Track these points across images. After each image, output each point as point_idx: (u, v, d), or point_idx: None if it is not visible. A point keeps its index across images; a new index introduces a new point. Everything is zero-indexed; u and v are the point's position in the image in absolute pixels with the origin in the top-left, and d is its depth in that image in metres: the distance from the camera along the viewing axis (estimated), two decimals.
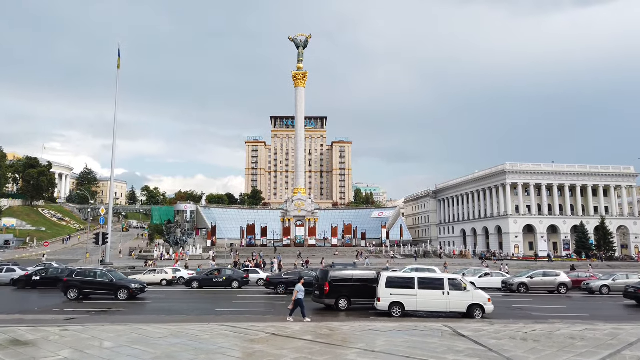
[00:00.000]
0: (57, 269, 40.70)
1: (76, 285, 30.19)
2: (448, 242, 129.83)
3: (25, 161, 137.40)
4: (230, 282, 38.17)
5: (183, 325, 17.60)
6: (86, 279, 30.68)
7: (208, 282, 38.72)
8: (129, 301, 29.44)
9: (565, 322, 19.95)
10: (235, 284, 38.07)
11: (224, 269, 42.35)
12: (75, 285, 30.17)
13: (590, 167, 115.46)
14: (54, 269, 40.91)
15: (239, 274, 39.64)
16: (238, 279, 38.51)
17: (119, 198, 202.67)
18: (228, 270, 40.82)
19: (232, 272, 40.05)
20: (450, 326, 17.44)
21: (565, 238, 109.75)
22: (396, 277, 24.26)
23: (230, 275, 39.16)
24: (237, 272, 40.55)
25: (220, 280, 38.50)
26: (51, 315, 22.30)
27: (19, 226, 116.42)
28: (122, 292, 29.95)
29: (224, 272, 39.77)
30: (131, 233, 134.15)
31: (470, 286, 23.52)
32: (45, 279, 37.94)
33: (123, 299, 29.57)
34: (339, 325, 18.08)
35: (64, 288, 30.29)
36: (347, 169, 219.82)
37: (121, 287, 30.13)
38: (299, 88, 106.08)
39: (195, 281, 39.08)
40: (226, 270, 40.95)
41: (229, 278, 38.57)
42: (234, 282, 38.14)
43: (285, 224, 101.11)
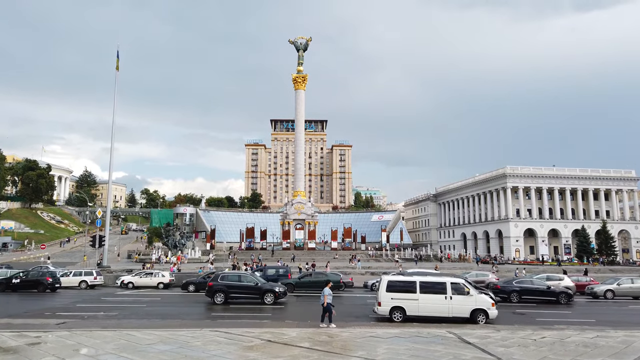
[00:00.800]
0: (38, 272, 40.03)
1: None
2: (448, 245, 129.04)
3: (24, 163, 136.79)
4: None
5: (175, 330, 16.92)
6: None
7: (204, 285, 37.98)
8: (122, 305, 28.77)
9: (574, 329, 19.27)
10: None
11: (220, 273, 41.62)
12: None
13: (591, 171, 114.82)
14: (35, 272, 40.26)
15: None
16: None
17: (119, 201, 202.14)
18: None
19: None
20: (455, 332, 16.73)
21: (567, 242, 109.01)
22: (397, 281, 23.55)
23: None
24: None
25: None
26: (40, 320, 21.61)
27: (17, 229, 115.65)
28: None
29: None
30: (130, 236, 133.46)
31: (473, 290, 22.82)
32: (25, 282, 37.59)
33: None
34: (339, 331, 17.40)
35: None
36: (347, 172, 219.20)
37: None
38: (299, 91, 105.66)
39: (192, 284, 38.46)
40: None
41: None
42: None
43: (285, 227, 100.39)
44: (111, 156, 62.81)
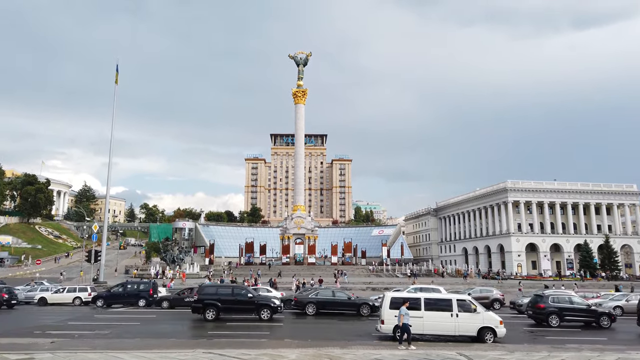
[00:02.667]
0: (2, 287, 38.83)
1: None
2: (449, 260, 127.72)
3: (23, 178, 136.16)
4: None
5: (167, 352, 16.03)
6: None
7: (179, 301, 36.99)
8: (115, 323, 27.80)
9: (589, 349, 18.38)
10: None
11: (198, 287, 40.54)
12: None
13: (592, 185, 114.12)
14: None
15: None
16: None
17: (117, 215, 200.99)
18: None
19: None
20: (466, 354, 15.84)
21: (569, 257, 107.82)
22: (401, 298, 22.69)
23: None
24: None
25: (191, 299, 36.83)
26: (28, 339, 20.68)
27: (15, 244, 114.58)
28: None
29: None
30: (129, 251, 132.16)
31: (480, 307, 21.95)
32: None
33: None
34: (341, 353, 16.48)
35: None
36: (347, 187, 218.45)
37: None
38: (298, 105, 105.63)
39: (166, 301, 37.24)
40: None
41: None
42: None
43: (285, 241, 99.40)
44: (109, 170, 62.24)
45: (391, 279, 78.44)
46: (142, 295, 37.85)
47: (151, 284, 39.59)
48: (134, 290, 38.63)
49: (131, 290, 38.69)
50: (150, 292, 38.17)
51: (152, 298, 37.99)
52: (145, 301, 37.56)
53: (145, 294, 37.91)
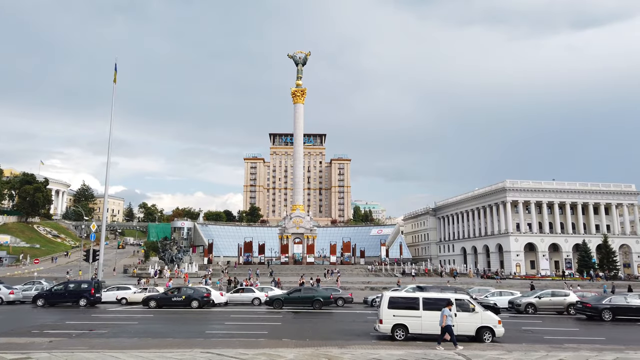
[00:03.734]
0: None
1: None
2: (448, 260, 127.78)
3: (21, 177, 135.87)
4: (190, 302, 36.33)
5: (164, 351, 15.97)
6: None
7: (166, 301, 36.87)
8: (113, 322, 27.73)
9: (587, 348, 18.36)
10: (195, 303, 36.20)
11: (184, 287, 40.48)
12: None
13: (591, 185, 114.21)
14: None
15: (199, 293, 37.52)
16: (198, 299, 36.58)
17: (116, 215, 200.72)
18: (188, 289, 38.84)
19: (192, 291, 38.02)
20: (465, 354, 15.82)
21: (567, 257, 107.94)
22: (399, 297, 22.65)
23: (190, 294, 37.21)
24: (198, 291, 38.54)
25: (179, 299, 36.67)
26: (25, 338, 20.61)
27: (13, 243, 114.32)
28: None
29: (183, 291, 37.82)
30: (127, 250, 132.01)
31: (479, 307, 21.91)
32: None
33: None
34: (340, 353, 16.43)
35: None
36: (346, 187, 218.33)
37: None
38: (297, 105, 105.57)
39: (153, 300, 37.06)
40: (186, 289, 39.05)
41: (188, 297, 36.66)
42: (194, 302, 36.28)
43: (284, 241, 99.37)
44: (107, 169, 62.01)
45: (390, 278, 78.40)
46: (83, 295, 37.76)
47: (93, 284, 39.27)
48: (75, 290, 38.49)
49: (73, 290, 38.53)
50: (91, 292, 37.99)
51: (93, 297, 37.88)
52: (87, 300, 37.49)
53: (87, 294, 37.80)
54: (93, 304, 37.75)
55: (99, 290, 39.55)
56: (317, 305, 36.34)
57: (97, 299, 38.35)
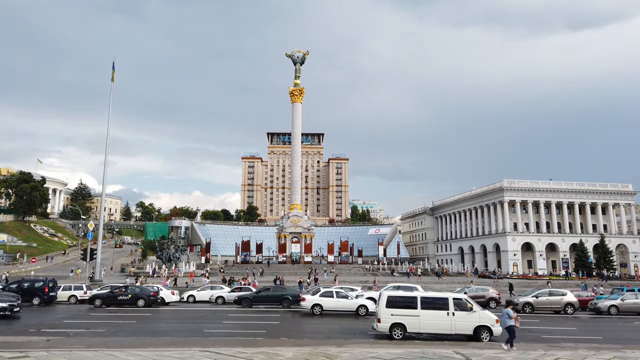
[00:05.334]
0: None
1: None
2: (446, 259, 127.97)
3: (18, 176, 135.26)
4: (136, 300, 36.41)
5: (162, 350, 15.92)
6: None
7: (112, 299, 36.89)
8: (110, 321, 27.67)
9: (585, 347, 18.40)
10: (141, 302, 36.31)
11: (132, 286, 40.46)
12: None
13: (588, 185, 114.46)
14: None
15: (145, 292, 37.67)
16: (144, 297, 36.71)
17: (113, 214, 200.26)
18: (135, 288, 39.02)
19: (138, 290, 38.19)
20: (463, 353, 15.82)
21: (564, 256, 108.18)
22: (397, 297, 22.68)
23: (137, 292, 37.33)
24: (145, 289, 38.62)
25: (125, 298, 36.67)
26: (23, 337, 20.56)
27: (10, 242, 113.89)
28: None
29: (130, 290, 37.92)
30: (124, 249, 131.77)
31: (476, 306, 21.96)
32: None
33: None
34: (338, 351, 16.42)
35: None
36: (343, 186, 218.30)
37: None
38: (295, 104, 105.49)
39: (98, 299, 37.03)
40: (134, 287, 39.18)
41: (134, 296, 36.77)
42: (140, 300, 36.40)
43: (281, 240, 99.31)
44: (105, 168, 61.97)
45: (387, 277, 78.47)
46: (37, 294, 37.84)
47: (47, 282, 39.34)
48: (29, 289, 38.51)
49: (27, 289, 38.50)
50: (45, 291, 38.06)
51: (47, 296, 37.96)
52: (40, 299, 37.57)
53: (41, 293, 37.90)
54: (47, 302, 37.60)
55: (54, 289, 39.48)
56: (286, 304, 36.36)
57: (51, 298, 38.24)
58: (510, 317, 18.61)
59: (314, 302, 31.81)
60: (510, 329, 18.44)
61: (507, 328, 18.56)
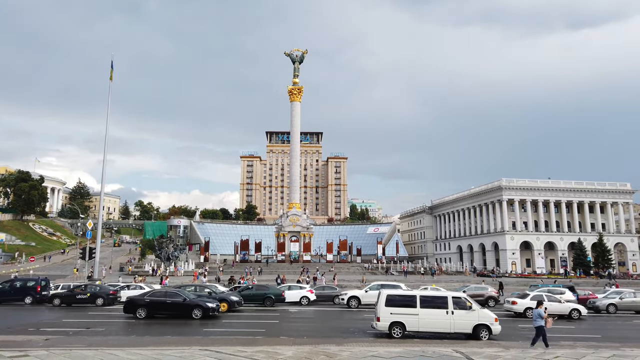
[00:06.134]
0: None
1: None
2: (444, 258, 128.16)
3: (16, 175, 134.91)
4: (95, 299, 36.25)
5: (162, 349, 15.92)
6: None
7: (71, 298, 36.75)
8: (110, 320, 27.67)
9: (584, 346, 18.45)
10: (100, 300, 36.16)
11: (90, 284, 40.34)
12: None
13: (586, 184, 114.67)
14: None
15: (104, 291, 37.57)
16: (103, 296, 36.57)
17: (112, 213, 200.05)
18: (94, 287, 38.83)
19: (97, 289, 38.02)
20: (462, 351, 15.86)
21: (563, 255, 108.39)
22: (397, 295, 22.69)
23: (95, 291, 37.17)
24: (104, 288, 38.57)
25: (84, 297, 36.52)
26: (22, 336, 20.55)
27: (8, 241, 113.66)
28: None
29: (88, 289, 37.77)
30: (123, 248, 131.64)
31: (475, 305, 22.01)
32: None
33: None
34: (338, 350, 16.44)
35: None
36: (342, 185, 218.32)
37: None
38: (294, 103, 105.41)
39: (57, 298, 36.87)
40: (92, 286, 39.02)
41: (93, 295, 36.61)
42: (99, 299, 36.23)
43: (280, 239, 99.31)
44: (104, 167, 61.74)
45: (386, 276, 78.59)
46: (29, 293, 37.92)
47: (40, 281, 39.39)
48: (22, 288, 38.58)
49: (19, 288, 38.59)
50: (37, 289, 38.14)
51: (39, 295, 38.01)
52: (33, 298, 37.66)
53: (33, 292, 37.97)
54: (40, 301, 37.60)
55: (47, 288, 39.53)
56: (268, 303, 36.42)
57: (44, 297, 38.18)
58: (541, 317, 18.48)
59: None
60: (539, 329, 18.30)
61: (536, 328, 18.41)
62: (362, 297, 36.19)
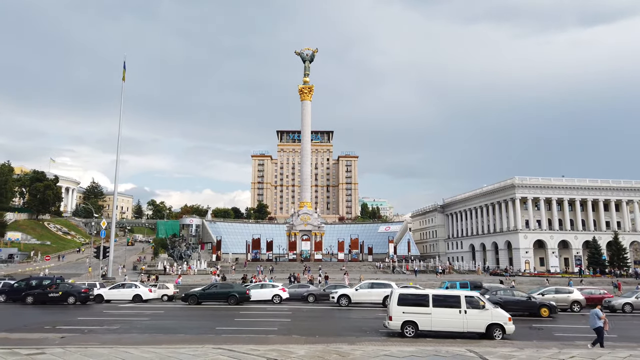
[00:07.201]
0: None
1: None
2: (457, 257, 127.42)
3: (32, 175, 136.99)
4: (67, 297, 36.78)
5: (176, 347, 16.04)
6: None
7: (44, 296, 37.23)
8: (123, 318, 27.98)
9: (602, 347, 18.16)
10: (72, 299, 36.72)
11: (63, 283, 40.78)
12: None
13: (601, 182, 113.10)
14: None
15: (76, 289, 38.08)
16: (75, 294, 37.14)
17: (125, 212, 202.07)
18: (67, 285, 39.46)
19: (69, 287, 38.58)
20: (476, 351, 15.74)
21: (577, 254, 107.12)
22: (409, 294, 22.62)
23: (68, 290, 37.70)
24: (76, 286, 39.04)
25: (55, 295, 36.96)
26: (38, 334, 20.86)
27: (24, 240, 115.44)
28: None
29: (60, 287, 38.25)
30: (136, 247, 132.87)
31: (489, 304, 21.84)
32: None
33: None
34: (350, 349, 16.41)
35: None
36: (353, 183, 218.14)
37: None
38: (305, 102, 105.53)
39: (30, 296, 37.33)
40: (65, 284, 39.57)
41: (65, 293, 37.14)
42: (70, 297, 36.81)
43: (291, 238, 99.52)
44: (117, 167, 62.50)
45: (398, 275, 78.31)
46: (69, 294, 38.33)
47: (55, 280, 40.13)
48: (37, 286, 39.32)
49: (34, 286, 39.36)
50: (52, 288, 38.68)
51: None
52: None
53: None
54: (80, 301, 37.95)
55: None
56: (232, 301, 36.54)
57: (85, 297, 38.51)
58: (599, 317, 18.17)
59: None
60: (598, 330, 17.97)
61: (595, 329, 18.09)
62: (352, 296, 36.36)
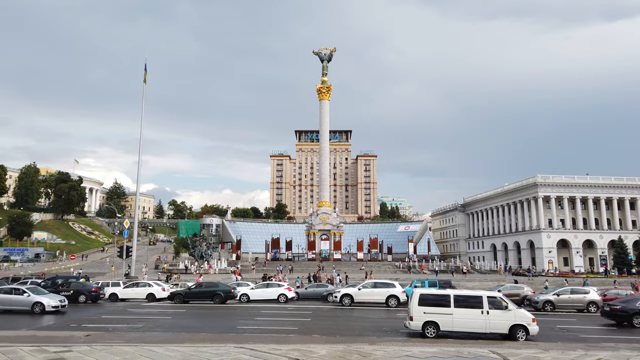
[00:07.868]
0: None
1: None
2: (478, 257, 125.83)
3: (57, 176, 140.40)
4: (78, 296, 37.00)
5: (198, 346, 16.25)
6: None
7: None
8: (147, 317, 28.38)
9: (626, 348, 17.79)
10: (82, 297, 36.99)
11: (76, 282, 41.13)
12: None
13: (627, 180, 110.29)
14: None
15: (87, 288, 38.35)
16: (85, 293, 37.42)
17: (147, 212, 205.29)
18: (78, 284, 39.82)
19: (81, 286, 38.86)
20: (499, 352, 15.54)
21: (602, 253, 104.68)
22: (430, 294, 22.43)
23: (79, 288, 37.99)
24: (87, 285, 39.32)
25: (67, 293, 36.84)
26: (65, 332, 21.35)
27: (50, 240, 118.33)
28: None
29: (72, 286, 38.61)
30: (158, 247, 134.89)
31: (512, 305, 21.52)
32: None
33: None
34: (372, 349, 16.38)
35: None
36: (372, 183, 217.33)
37: None
38: (323, 101, 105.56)
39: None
40: (76, 283, 39.95)
41: (76, 291, 37.42)
42: (81, 296, 37.07)
43: (310, 237, 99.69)
44: (139, 167, 63.40)
45: (418, 275, 77.72)
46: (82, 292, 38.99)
47: (79, 279, 41.47)
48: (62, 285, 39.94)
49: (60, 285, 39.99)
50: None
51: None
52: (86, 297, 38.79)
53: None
54: (90, 300, 38.57)
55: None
56: (217, 300, 36.52)
57: (95, 296, 39.13)
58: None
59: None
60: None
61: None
62: (355, 295, 36.27)
